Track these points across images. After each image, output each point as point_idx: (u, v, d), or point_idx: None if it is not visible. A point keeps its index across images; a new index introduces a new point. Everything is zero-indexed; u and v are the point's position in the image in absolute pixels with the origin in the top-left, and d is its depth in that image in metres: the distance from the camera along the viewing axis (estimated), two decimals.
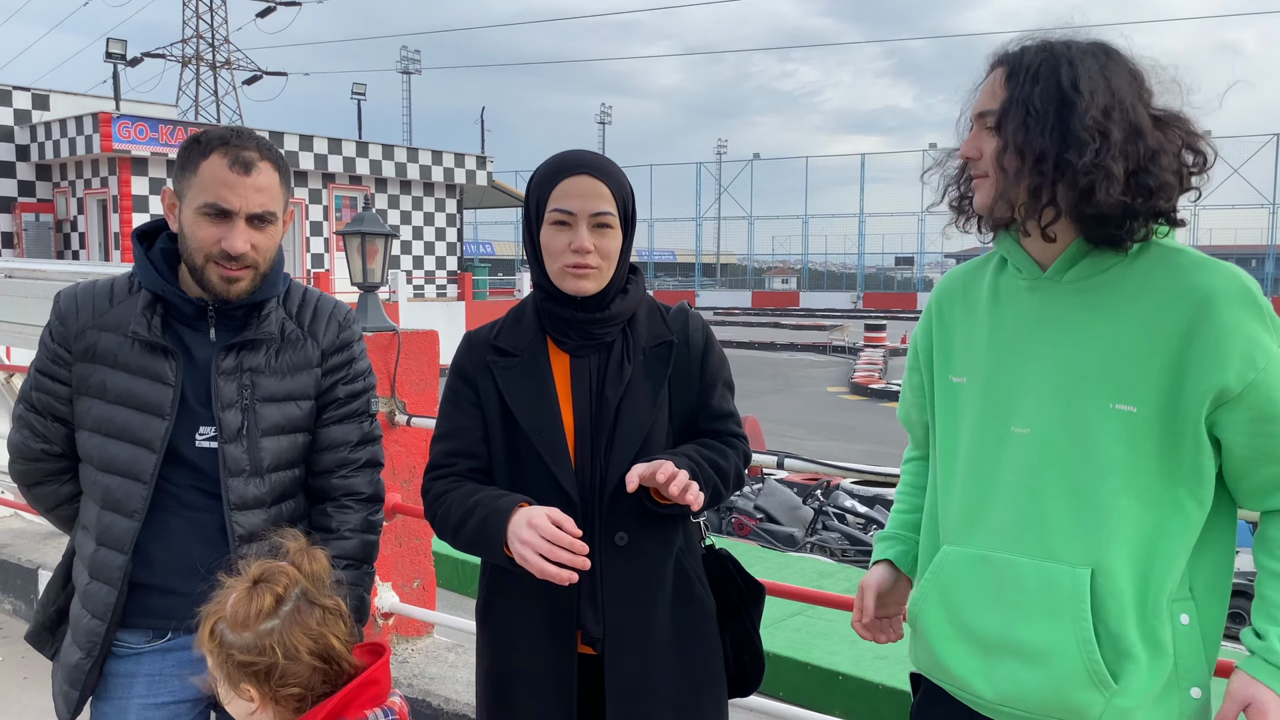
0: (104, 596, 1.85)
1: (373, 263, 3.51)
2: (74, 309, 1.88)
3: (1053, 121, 1.47)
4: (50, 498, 1.98)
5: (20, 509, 5.35)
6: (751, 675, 2.00)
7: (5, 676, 4.12)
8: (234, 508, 1.85)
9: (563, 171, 1.80)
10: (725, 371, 1.95)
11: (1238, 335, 1.45)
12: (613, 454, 1.80)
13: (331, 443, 1.97)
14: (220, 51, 47.32)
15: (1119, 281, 1.54)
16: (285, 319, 1.94)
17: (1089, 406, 1.52)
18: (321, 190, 27.54)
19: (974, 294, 1.72)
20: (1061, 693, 1.51)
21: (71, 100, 25.95)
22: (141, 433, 1.83)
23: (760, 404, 18.65)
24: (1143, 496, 1.50)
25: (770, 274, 75.67)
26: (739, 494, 10.69)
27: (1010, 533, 1.57)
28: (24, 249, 24.97)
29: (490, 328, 1.93)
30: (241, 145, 1.82)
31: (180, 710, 1.91)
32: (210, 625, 1.59)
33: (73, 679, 1.88)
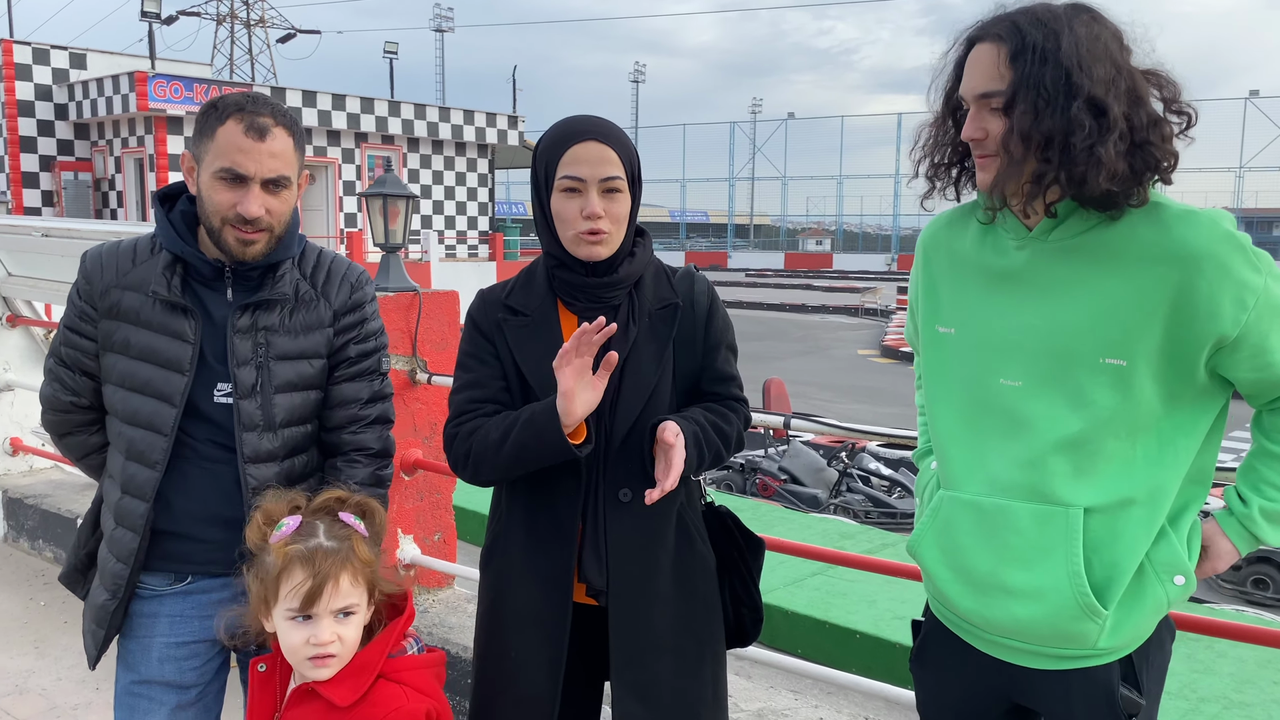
0: (128, 541, 1.93)
1: (394, 224, 3.57)
2: (99, 268, 1.95)
3: (1062, 104, 1.49)
4: (79, 447, 2.05)
5: (60, 461, 5.53)
6: (750, 627, 2.05)
7: (47, 621, 4.30)
8: (248, 460, 1.92)
9: (570, 138, 1.82)
10: (729, 335, 1.99)
11: (1227, 282, 1.49)
12: (618, 413, 1.84)
13: (343, 400, 2.03)
14: (255, 9, 47.37)
15: (1105, 239, 1.57)
16: (300, 280, 2.00)
17: (1079, 361, 1.57)
18: (354, 150, 27.65)
19: (959, 245, 1.75)
20: (1057, 625, 1.59)
21: (108, 59, 26.16)
22: (162, 387, 1.90)
23: (789, 366, 18.66)
24: (1135, 437, 1.57)
25: (804, 235, 75.14)
26: (763, 455, 10.76)
27: (1003, 479, 1.62)
28: (64, 208, 25.33)
29: (502, 287, 1.97)
30: (257, 111, 1.86)
31: (200, 649, 1.99)
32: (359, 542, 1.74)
33: (99, 618, 1.97)
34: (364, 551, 1.73)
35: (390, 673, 1.73)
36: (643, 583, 1.87)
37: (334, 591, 1.67)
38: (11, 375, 5.47)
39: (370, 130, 27.78)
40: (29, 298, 5.35)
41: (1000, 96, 1.54)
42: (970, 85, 1.59)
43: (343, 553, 1.70)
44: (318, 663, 1.68)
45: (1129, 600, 1.58)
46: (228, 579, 1.97)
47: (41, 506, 5.11)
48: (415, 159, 29.37)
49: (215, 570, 1.96)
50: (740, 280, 47.41)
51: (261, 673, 1.79)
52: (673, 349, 1.91)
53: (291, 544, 1.69)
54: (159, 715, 1.96)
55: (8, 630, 4.21)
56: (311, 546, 1.69)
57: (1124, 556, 1.57)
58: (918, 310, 1.84)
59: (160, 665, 1.97)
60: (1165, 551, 1.59)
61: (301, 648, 1.67)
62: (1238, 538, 1.62)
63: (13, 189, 24.85)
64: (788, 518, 8.44)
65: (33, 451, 5.59)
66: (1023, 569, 1.60)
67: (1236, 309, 1.49)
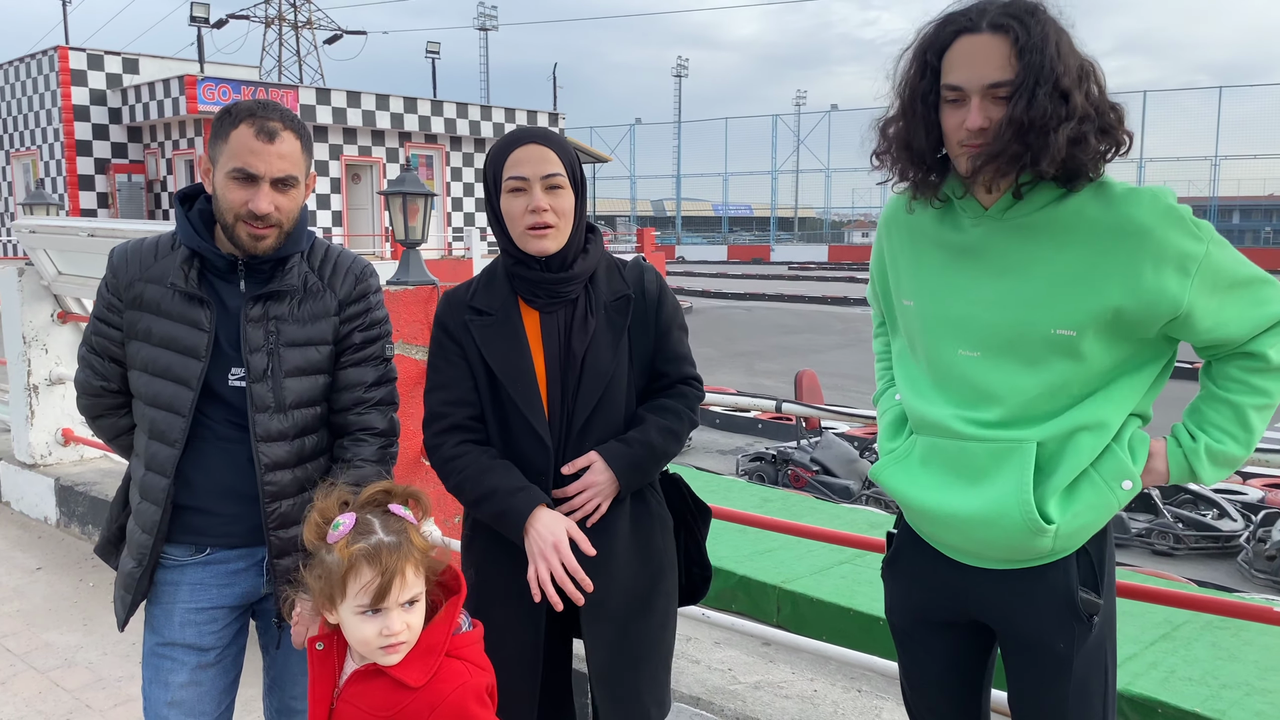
0: (151, 514, 2.08)
1: (414, 220, 3.73)
2: (124, 263, 2.11)
3: (1049, 92, 1.59)
4: (110, 429, 2.22)
5: (108, 451, 5.78)
6: (700, 585, 2.24)
7: (95, 600, 4.54)
8: (260, 440, 2.07)
9: (512, 145, 2.00)
10: (679, 317, 2.16)
11: (1169, 251, 1.61)
12: (579, 399, 2.02)
13: (349, 383, 2.17)
14: (302, 11, 48.11)
15: (1056, 216, 1.68)
16: (308, 272, 2.15)
17: (1032, 332, 1.69)
18: (398, 149, 28.03)
19: (918, 224, 1.86)
20: (1010, 543, 1.71)
21: (159, 64, 26.79)
22: (181, 372, 2.05)
23: (827, 359, 18.65)
24: (1086, 387, 1.70)
25: (850, 227, 74.55)
26: (795, 447, 10.82)
27: (966, 427, 1.75)
28: (118, 209, 25.99)
29: (465, 288, 2.12)
30: (267, 116, 2.00)
31: (218, 614, 2.15)
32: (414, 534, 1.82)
33: (127, 585, 2.13)
34: (420, 540, 1.80)
35: (453, 650, 1.81)
36: (599, 532, 2.01)
37: (401, 585, 1.73)
38: (63, 369, 5.72)
39: (414, 129, 28.15)
40: (78, 295, 5.59)
41: (1008, 86, 1.61)
42: (977, 75, 1.64)
43: (403, 546, 1.75)
44: (389, 651, 1.75)
45: (1078, 508, 1.69)
46: (243, 550, 2.14)
47: (91, 494, 5.35)
48: (458, 157, 29.70)
49: (232, 542, 2.13)
50: (783, 274, 47.25)
51: (320, 651, 1.86)
52: (628, 336, 2.06)
53: (354, 543, 1.74)
54: (181, 674, 2.12)
55: (59, 609, 4.45)
56: (374, 544, 1.74)
57: (1069, 473, 1.69)
58: (881, 283, 1.98)
59: (182, 629, 2.12)
60: (1110, 462, 1.70)
61: (374, 639, 1.74)
62: (1176, 467, 1.72)
63: (69, 191, 25.56)
64: (818, 508, 8.50)
65: (83, 442, 5.84)
66: (977, 494, 1.73)
67: (1180, 276, 1.61)
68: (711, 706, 2.88)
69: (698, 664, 3.15)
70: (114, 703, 3.57)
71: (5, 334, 5.83)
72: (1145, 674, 5.09)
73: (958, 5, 1.70)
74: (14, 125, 27.77)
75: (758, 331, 23.65)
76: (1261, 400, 1.68)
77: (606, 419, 2.03)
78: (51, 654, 3.99)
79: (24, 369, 5.69)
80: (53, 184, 25.92)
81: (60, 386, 5.76)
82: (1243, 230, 59.26)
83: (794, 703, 2.89)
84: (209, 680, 2.15)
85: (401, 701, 1.75)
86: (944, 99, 1.69)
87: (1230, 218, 59.01)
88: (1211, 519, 9.23)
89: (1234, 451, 1.69)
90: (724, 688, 2.99)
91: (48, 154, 26.38)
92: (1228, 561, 8.86)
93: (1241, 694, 5.13)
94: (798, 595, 6.59)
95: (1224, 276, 1.64)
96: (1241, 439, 1.69)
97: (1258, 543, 8.60)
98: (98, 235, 4.82)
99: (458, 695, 1.77)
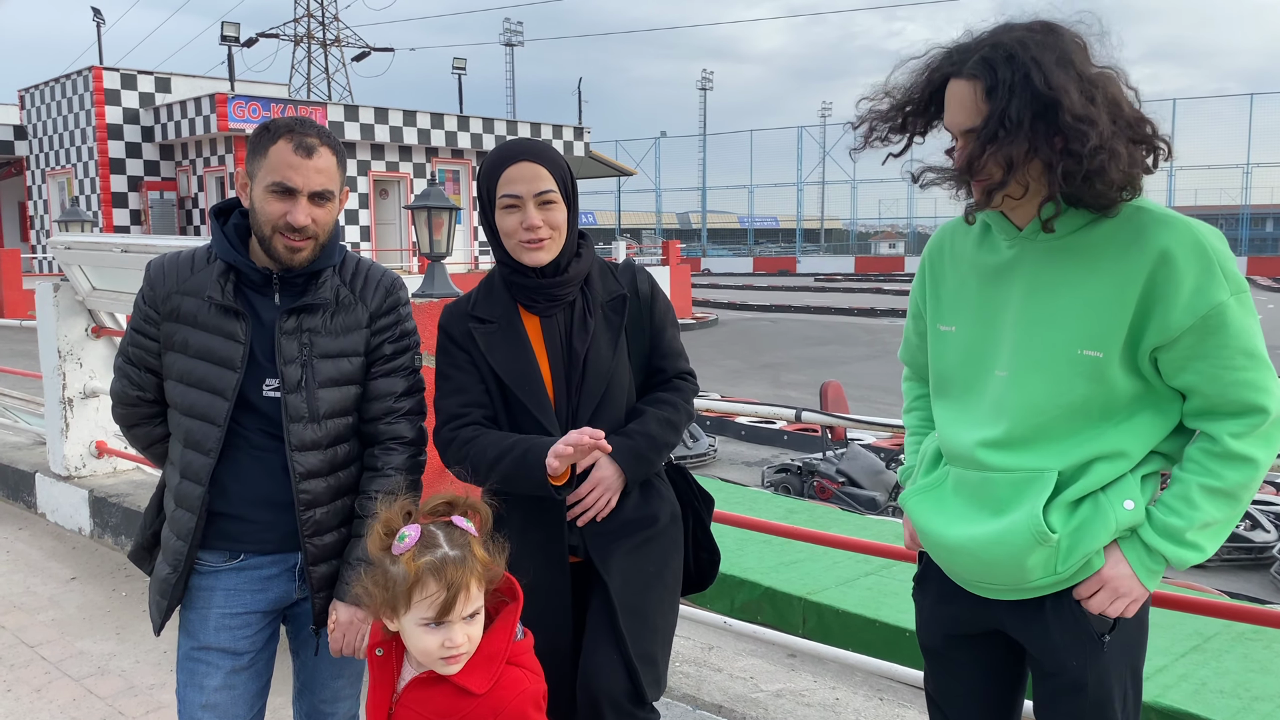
0: (186, 521, 2.13)
1: (439, 234, 3.79)
2: (161, 276, 2.16)
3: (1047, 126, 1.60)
4: (145, 438, 2.27)
5: (141, 463, 5.87)
6: (708, 569, 2.32)
7: (128, 609, 4.61)
8: (294, 449, 2.11)
9: (505, 161, 2.07)
10: (671, 314, 2.26)
11: (1184, 287, 1.61)
12: (583, 395, 2.11)
13: (379, 393, 2.21)
14: (330, 29, 48.71)
15: (1089, 239, 1.70)
16: (340, 285, 2.19)
17: (1060, 352, 1.71)
18: (425, 164, 28.28)
19: (960, 250, 1.90)
20: (1016, 560, 1.72)
21: (191, 82, 27.22)
22: (216, 383, 2.10)
23: (853, 370, 18.59)
24: (1108, 415, 1.71)
25: (876, 239, 74.29)
26: (821, 458, 10.80)
27: (987, 459, 1.77)
28: (150, 226, 26.38)
29: (466, 299, 2.20)
30: (304, 133, 2.06)
31: (252, 619, 2.19)
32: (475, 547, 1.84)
33: (162, 590, 2.18)
34: (482, 554, 1.81)
35: (511, 657, 1.84)
36: (612, 532, 2.11)
37: (465, 599, 1.75)
38: (97, 383, 5.82)
39: (440, 145, 28.40)
40: (111, 310, 5.69)
41: (979, 131, 1.65)
42: (954, 120, 1.71)
43: (467, 560, 1.77)
44: (450, 661, 1.77)
45: (1079, 520, 1.70)
46: (276, 555, 2.18)
47: (124, 505, 5.44)
48: None
49: (265, 548, 2.18)
50: (809, 285, 47.15)
51: (379, 657, 1.88)
52: (625, 334, 2.14)
53: (420, 556, 1.76)
54: (215, 678, 2.16)
55: (92, 618, 4.53)
56: (440, 558, 1.75)
57: (1078, 492, 1.71)
58: (923, 313, 2.00)
59: (216, 633, 2.16)
60: (1118, 486, 1.71)
61: (436, 650, 1.76)
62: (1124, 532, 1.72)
63: (103, 209, 25.98)
64: (843, 519, 8.48)
65: (117, 454, 5.94)
66: (995, 524, 1.74)
67: (1184, 314, 1.61)
68: (733, 714, 2.90)
69: (720, 672, 3.17)
70: (146, 710, 3.63)
71: (41, 348, 5.94)
72: (1176, 686, 5.04)
73: (965, 37, 1.72)
74: (50, 144, 28.28)
75: (783, 343, 23.61)
76: (1210, 481, 1.66)
77: (609, 413, 2.11)
78: (85, 662, 4.06)
79: (59, 383, 5.79)
80: (87, 201, 26.36)
81: (94, 400, 5.86)
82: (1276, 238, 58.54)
83: (816, 710, 2.90)
84: (242, 684, 2.19)
85: (464, 708, 1.78)
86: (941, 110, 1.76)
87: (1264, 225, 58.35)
88: (1244, 530, 9.11)
89: (1177, 524, 1.67)
90: (746, 695, 3.00)
91: (82, 172, 26.84)
92: (1260, 573, 8.74)
93: (1274, 706, 5.07)
94: (823, 607, 6.57)
95: (1228, 333, 1.62)
96: (1185, 515, 1.67)
97: None
98: (131, 251, 4.91)
99: (519, 701, 1.81)
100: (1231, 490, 1.66)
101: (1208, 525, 1.67)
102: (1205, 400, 1.67)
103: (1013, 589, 1.77)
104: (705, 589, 2.34)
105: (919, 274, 2.01)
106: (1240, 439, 1.64)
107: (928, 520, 1.86)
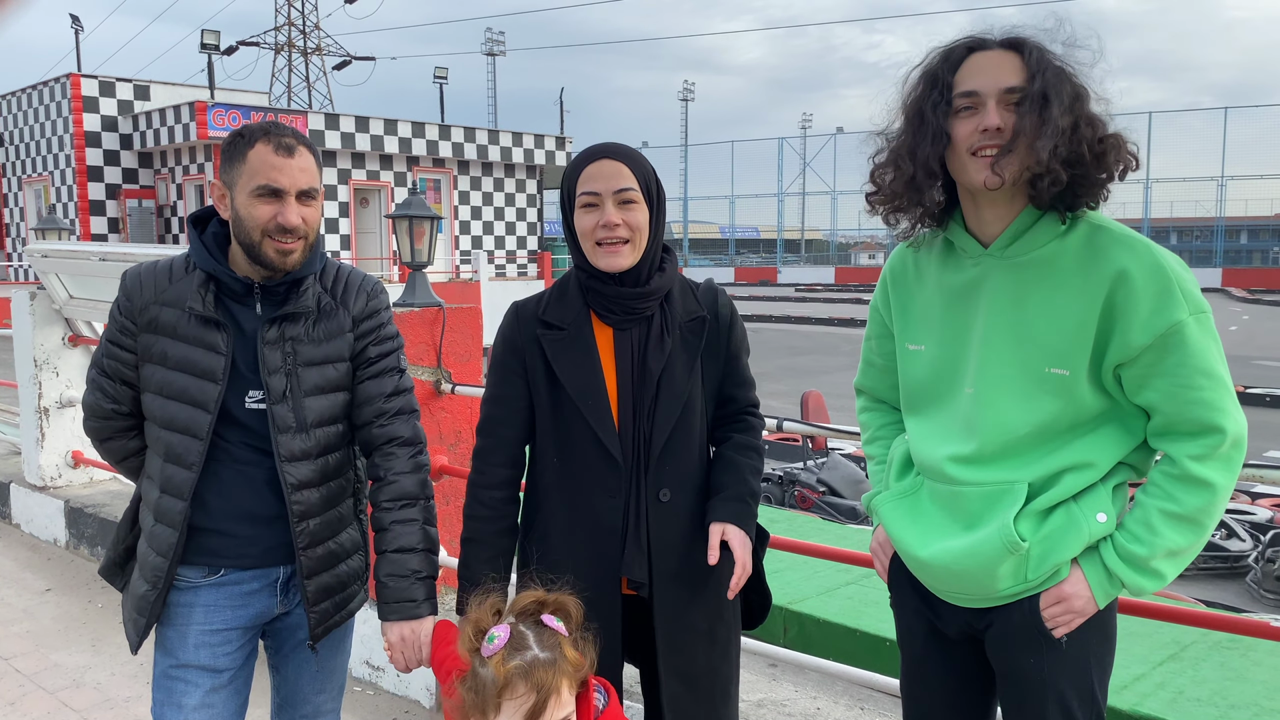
0: (167, 537, 2.07)
1: (420, 243, 3.78)
2: (139, 286, 2.10)
3: (1068, 106, 1.65)
4: (119, 451, 2.21)
5: (117, 473, 5.81)
6: (759, 611, 2.20)
7: (104, 621, 4.56)
8: (284, 460, 2.07)
9: (586, 160, 1.99)
10: (747, 343, 2.16)
11: (1143, 307, 1.63)
12: (656, 420, 1.98)
13: (368, 397, 2.17)
14: (311, 38, 48.56)
15: (1052, 257, 1.72)
16: (321, 293, 2.16)
17: (1027, 369, 1.72)
18: (406, 173, 28.22)
19: (924, 269, 1.91)
20: (986, 568, 1.73)
21: (170, 90, 27.08)
22: (198, 395, 2.05)
23: (834, 380, 18.64)
24: (1076, 430, 1.72)
25: (857, 249, 74.65)
26: (802, 468, 10.82)
27: (958, 474, 1.78)
28: (129, 234, 26.19)
29: (537, 301, 2.09)
30: (281, 134, 2.03)
31: (232, 636, 2.14)
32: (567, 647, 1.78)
33: (140, 607, 2.11)
34: (573, 654, 1.75)
35: None
36: (683, 575, 2.01)
37: (556, 703, 1.70)
38: (73, 392, 5.77)
39: (422, 154, 28.35)
40: (89, 318, 5.65)
41: (1020, 92, 1.67)
42: (992, 80, 1.69)
43: (558, 663, 1.71)
44: None
45: (1049, 530, 1.71)
46: (257, 571, 2.14)
47: (100, 515, 5.39)
48: (466, 181, 29.88)
49: (246, 563, 2.13)
50: (789, 295, 47.29)
51: None
52: (701, 359, 2.05)
53: (510, 659, 1.71)
54: (194, 696, 2.11)
55: (68, 630, 4.48)
56: (530, 660, 1.70)
57: (1047, 501, 1.72)
58: (886, 333, 2.00)
59: (196, 650, 2.11)
60: (1089, 497, 1.72)
61: None
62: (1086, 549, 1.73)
63: (80, 216, 25.77)
64: (824, 529, 8.50)
65: (93, 464, 5.88)
66: (967, 537, 1.76)
67: (1143, 333, 1.63)
68: None
69: None
70: None
71: (17, 357, 5.89)
72: (1153, 694, 5.07)
73: (963, 33, 1.76)
74: (27, 151, 28.04)
75: (765, 353, 23.66)
76: (1170, 506, 1.67)
77: (684, 441, 2.01)
78: (60, 674, 4.01)
79: (35, 392, 5.74)
80: (64, 209, 26.13)
81: (71, 409, 5.81)
82: (1251, 250, 59.24)
83: None
84: (221, 702, 2.14)
85: None
86: (956, 111, 1.72)
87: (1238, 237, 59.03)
88: (1220, 539, 9.19)
89: (1140, 552, 1.68)
90: None
91: (59, 180, 26.62)
92: (1236, 582, 8.82)
93: (1250, 714, 5.11)
94: (804, 616, 6.58)
95: (1186, 352, 1.63)
96: (1148, 543, 1.67)
97: (1266, 563, 8.56)
98: (109, 259, 4.87)
99: None
100: (1191, 515, 1.67)
101: (1172, 554, 1.68)
102: (1165, 419, 1.68)
103: (984, 598, 1.78)
104: (753, 629, 2.23)
105: (880, 292, 2.00)
106: (1200, 462, 1.65)
107: (902, 530, 1.86)
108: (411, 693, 3.74)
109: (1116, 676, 1.86)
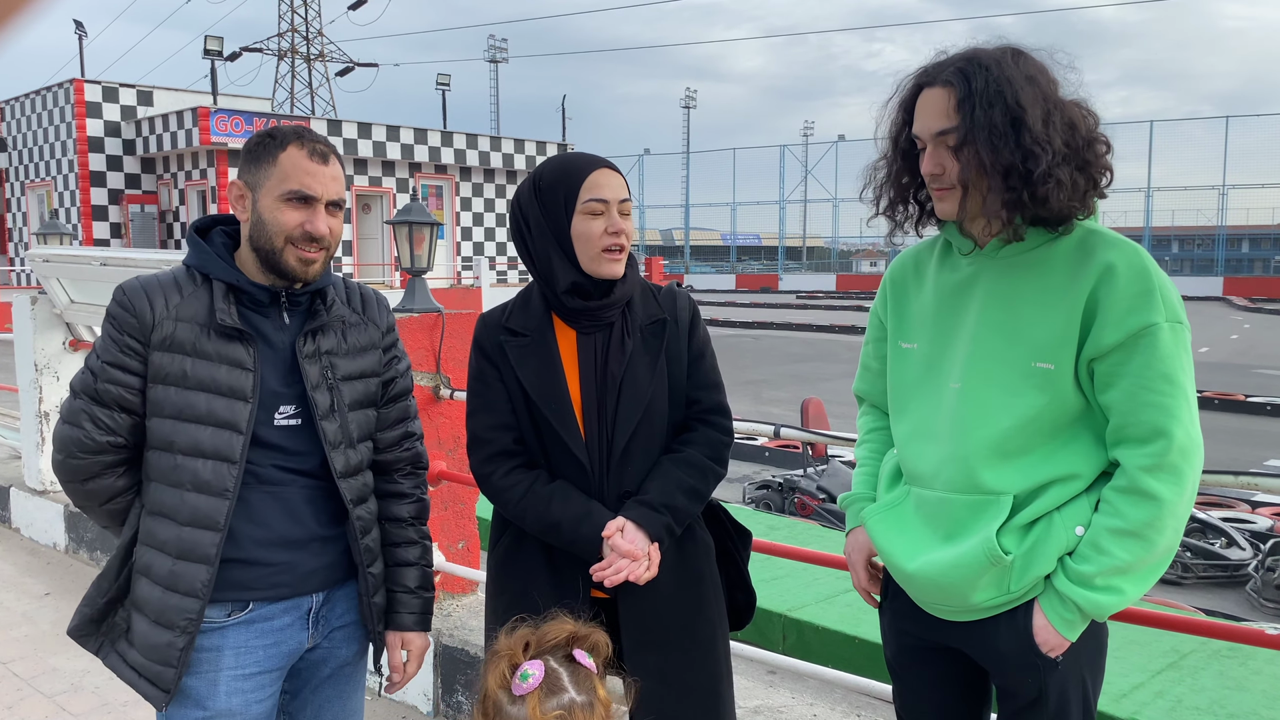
0: (195, 574, 1.87)
1: (420, 249, 3.79)
2: (145, 302, 1.89)
3: (1012, 139, 1.66)
4: (104, 492, 1.95)
5: None
6: (744, 610, 2.21)
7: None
8: (341, 476, 1.98)
9: (589, 167, 2.02)
10: (710, 345, 2.18)
11: (1118, 307, 1.66)
12: (618, 423, 2.01)
13: (396, 418, 2.13)
14: (314, 44, 48.66)
15: (1044, 258, 1.75)
16: (342, 305, 2.05)
17: (1014, 364, 1.74)
18: (409, 180, 28.27)
19: (923, 271, 1.94)
20: (970, 579, 1.74)
21: (173, 95, 27.16)
22: (226, 415, 1.88)
23: (834, 387, 18.63)
24: (1059, 433, 1.74)
25: (858, 256, 74.71)
26: (802, 475, 10.81)
27: (944, 477, 1.79)
28: (131, 239, 26.23)
29: (502, 310, 2.12)
30: (314, 140, 1.93)
31: (266, 680, 1.96)
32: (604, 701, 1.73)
33: (165, 658, 1.88)
34: (604, 694, 1.70)
35: None
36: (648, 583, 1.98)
37: None
38: None
39: (424, 160, 28.42)
40: (90, 323, 5.66)
41: (953, 134, 1.69)
42: (925, 125, 1.74)
43: (594, 706, 1.66)
44: None
45: (1035, 547, 1.72)
46: (287, 604, 1.98)
47: None
48: (468, 187, 29.94)
49: (279, 594, 1.97)
50: (791, 302, 47.31)
51: None
52: (664, 360, 2.06)
53: (546, 702, 1.64)
54: None
55: (66, 634, 4.48)
56: (567, 704, 1.65)
57: (1032, 514, 1.73)
58: (885, 335, 2.01)
59: (228, 698, 1.94)
60: (1071, 509, 1.73)
61: None
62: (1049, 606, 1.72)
63: (83, 221, 25.81)
64: (824, 535, 8.49)
65: None
66: (952, 548, 1.76)
67: (1116, 330, 1.65)
68: None
69: None
70: None
71: (18, 362, 5.90)
72: (1152, 703, 5.06)
73: (934, 58, 1.78)
74: (30, 156, 28.11)
75: (766, 360, 23.66)
76: (1115, 522, 1.66)
77: (646, 443, 2.03)
78: (58, 679, 4.02)
79: (35, 396, 5.75)
80: (67, 214, 26.19)
81: None
82: (1253, 259, 59.28)
83: None
84: None
85: None
86: (916, 148, 1.79)
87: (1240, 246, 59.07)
88: (1220, 547, 9.18)
89: (1086, 571, 1.67)
90: None
91: (62, 185, 26.69)
92: (1236, 590, 8.80)
93: None
94: (803, 623, 6.57)
95: (1154, 356, 1.64)
96: (1093, 560, 1.67)
97: (1266, 571, 8.54)
98: (110, 264, 4.89)
99: None
100: (1136, 530, 1.65)
101: (1121, 570, 1.66)
102: (1120, 419, 1.68)
103: (966, 610, 1.79)
104: (740, 629, 2.24)
105: (880, 296, 2.02)
106: (1148, 473, 1.64)
107: (889, 543, 1.87)
108: (409, 698, 3.74)
109: (1115, 685, 1.86)
